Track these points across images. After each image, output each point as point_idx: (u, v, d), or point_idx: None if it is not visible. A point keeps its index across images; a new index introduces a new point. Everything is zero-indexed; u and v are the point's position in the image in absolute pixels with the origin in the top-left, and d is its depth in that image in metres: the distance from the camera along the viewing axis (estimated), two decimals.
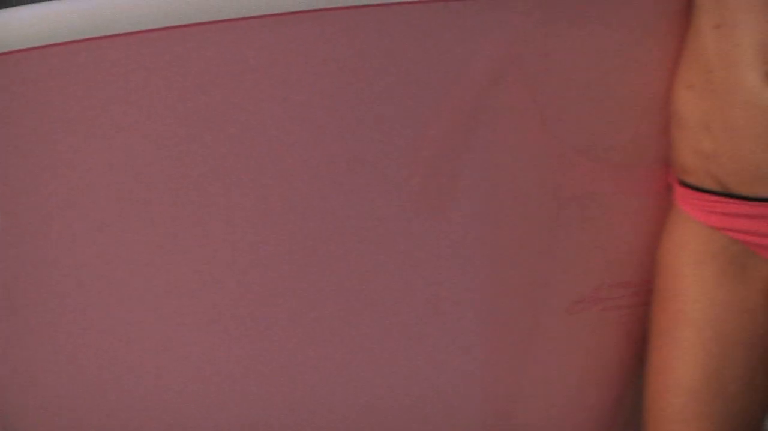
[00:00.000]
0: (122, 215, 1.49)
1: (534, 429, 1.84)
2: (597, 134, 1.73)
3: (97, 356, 1.57)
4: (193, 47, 1.43)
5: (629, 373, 1.85)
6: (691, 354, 1.73)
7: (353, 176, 1.55)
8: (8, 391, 1.64)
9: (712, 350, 1.73)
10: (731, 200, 1.70)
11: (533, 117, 1.66)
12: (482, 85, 1.58)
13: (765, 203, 1.67)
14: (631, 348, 1.85)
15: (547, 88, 1.65)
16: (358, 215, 1.57)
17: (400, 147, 1.56)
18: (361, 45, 1.50)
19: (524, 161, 1.66)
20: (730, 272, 1.74)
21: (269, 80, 1.45)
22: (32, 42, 1.40)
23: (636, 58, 1.73)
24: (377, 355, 1.67)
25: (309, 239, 1.56)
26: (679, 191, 1.71)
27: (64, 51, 1.42)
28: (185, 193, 1.49)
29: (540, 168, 1.67)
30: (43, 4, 1.43)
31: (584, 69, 1.68)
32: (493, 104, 1.61)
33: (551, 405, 1.84)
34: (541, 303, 1.77)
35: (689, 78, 1.72)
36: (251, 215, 1.52)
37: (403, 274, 1.64)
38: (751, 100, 1.67)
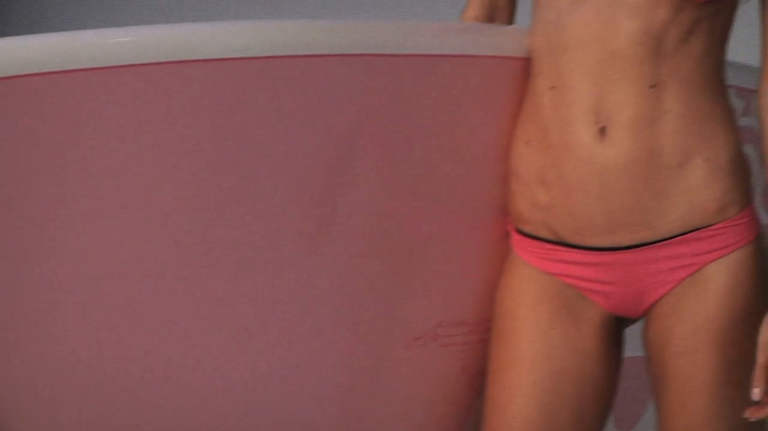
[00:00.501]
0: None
1: None
2: (442, 183, 1.81)
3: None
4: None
5: (467, 407, 1.91)
6: (527, 389, 1.80)
7: (238, 211, 1.66)
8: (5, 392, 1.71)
9: (546, 386, 1.79)
10: (565, 248, 1.78)
11: (386, 166, 1.74)
12: (342, 134, 1.69)
13: (595, 251, 1.77)
14: (468, 383, 1.89)
15: (399, 141, 1.75)
16: (240, 243, 1.67)
17: (275, 188, 1.65)
18: (246, 95, 1.63)
19: (375, 205, 1.74)
20: (563, 314, 1.82)
21: (172, 124, 1.59)
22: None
23: (479, 114, 1.83)
24: (254, 358, 1.75)
25: (203, 261, 1.67)
26: (516, 239, 1.80)
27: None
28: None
29: (389, 211, 1.75)
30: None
31: (432, 124, 1.79)
32: (349, 153, 1.71)
33: None
34: (384, 338, 1.81)
35: (527, 134, 1.80)
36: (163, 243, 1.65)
37: (275, 297, 1.72)
38: (584, 156, 1.76)
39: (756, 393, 1.72)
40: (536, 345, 1.82)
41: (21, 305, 1.67)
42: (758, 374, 1.71)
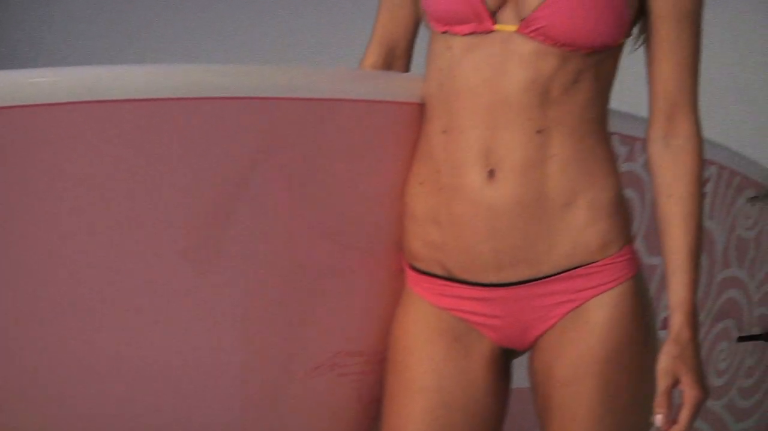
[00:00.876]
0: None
1: None
2: (341, 220, 1.86)
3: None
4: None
5: None
6: (420, 417, 1.86)
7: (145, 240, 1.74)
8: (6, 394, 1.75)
9: (437, 415, 1.85)
10: (456, 284, 1.83)
11: (288, 202, 1.80)
12: (244, 173, 1.75)
13: (484, 287, 1.82)
14: (363, 411, 1.96)
15: (299, 179, 1.80)
16: (147, 269, 1.75)
17: (181, 219, 1.72)
18: (150, 133, 1.71)
19: (278, 238, 1.79)
20: (456, 348, 1.86)
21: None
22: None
23: (375, 156, 1.89)
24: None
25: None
26: (411, 275, 1.85)
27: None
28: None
29: (291, 245, 1.81)
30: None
31: (331, 164, 1.84)
32: (253, 189, 1.76)
33: None
34: (284, 365, 1.86)
35: (421, 176, 1.85)
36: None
37: (182, 317, 1.79)
38: (474, 198, 1.81)
39: (659, 419, 1.78)
40: (429, 376, 1.85)
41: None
42: (660, 400, 1.77)
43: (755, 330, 2.71)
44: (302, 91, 1.81)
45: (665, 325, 1.91)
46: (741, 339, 2.67)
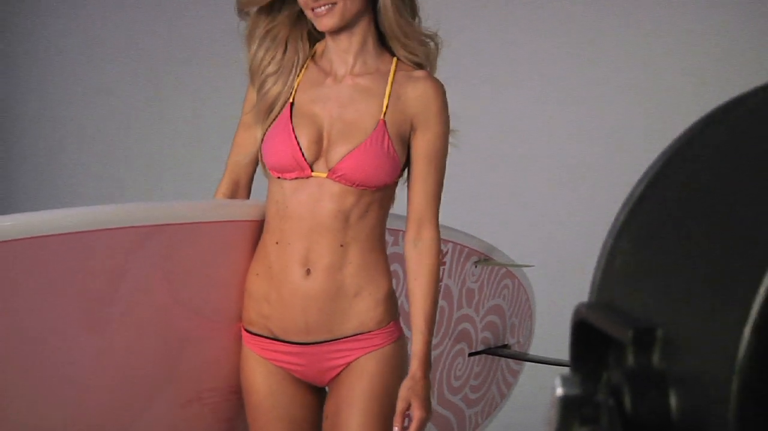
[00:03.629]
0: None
1: None
2: (200, 299, 2.24)
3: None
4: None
5: None
6: (263, 427, 2.25)
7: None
8: None
9: (276, 425, 2.24)
10: (277, 343, 2.23)
11: (162, 286, 2.17)
12: (126, 274, 2.08)
13: (296, 344, 2.23)
14: (226, 427, 2.35)
15: (168, 271, 2.17)
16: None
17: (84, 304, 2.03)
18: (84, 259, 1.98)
19: (152, 311, 2.13)
20: (284, 383, 2.26)
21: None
22: None
23: (224, 256, 2.28)
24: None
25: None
26: (246, 336, 2.26)
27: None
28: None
29: (163, 316, 2.17)
30: None
31: (192, 260, 2.21)
32: (131, 280, 2.09)
33: None
34: (165, 398, 2.19)
35: (257, 269, 2.24)
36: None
37: (85, 368, 2.07)
38: (295, 287, 2.21)
39: (396, 429, 2.17)
40: (271, 401, 2.24)
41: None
42: (396, 418, 2.16)
43: (480, 348, 2.93)
44: (173, 218, 2.15)
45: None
46: (471, 354, 2.90)
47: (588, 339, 0.90)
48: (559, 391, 0.81)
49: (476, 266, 2.81)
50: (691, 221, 0.82)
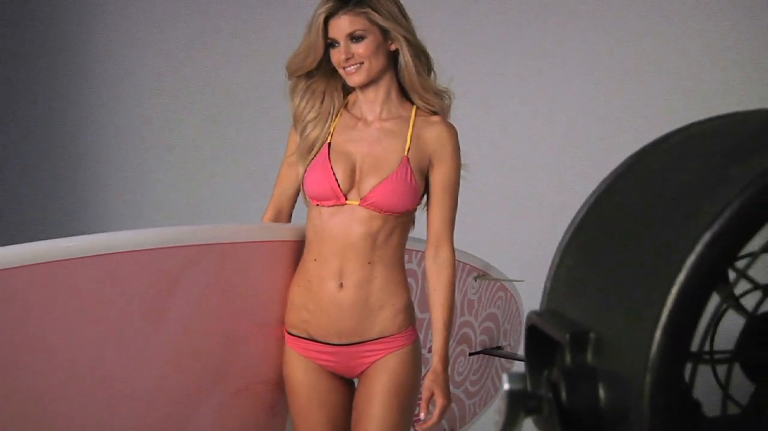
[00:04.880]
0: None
1: None
2: (251, 305, 2.23)
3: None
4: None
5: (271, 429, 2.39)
6: (311, 415, 2.24)
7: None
8: None
9: (318, 410, 2.24)
10: (314, 343, 2.26)
11: (217, 293, 2.11)
12: (189, 287, 2.05)
13: (330, 345, 2.22)
14: (271, 414, 2.32)
15: (224, 279, 2.11)
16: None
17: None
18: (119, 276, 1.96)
19: (213, 316, 2.13)
20: (321, 375, 2.26)
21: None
22: None
23: (271, 269, 2.24)
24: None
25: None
26: (288, 338, 2.30)
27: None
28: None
29: (222, 320, 2.14)
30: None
31: (245, 272, 2.17)
32: (185, 285, 2.04)
33: None
34: (219, 388, 2.18)
35: (299, 282, 2.27)
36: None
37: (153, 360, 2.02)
38: (330, 297, 2.21)
39: (422, 414, 2.20)
40: (313, 393, 2.26)
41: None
42: (423, 405, 2.20)
43: (479, 349, 2.86)
44: (227, 238, 2.11)
45: (430, 350, 2.34)
46: (471, 354, 2.85)
47: (537, 341, 0.89)
48: (506, 386, 0.81)
49: (475, 281, 2.82)
50: (618, 242, 0.82)
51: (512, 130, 3.83)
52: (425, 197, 2.30)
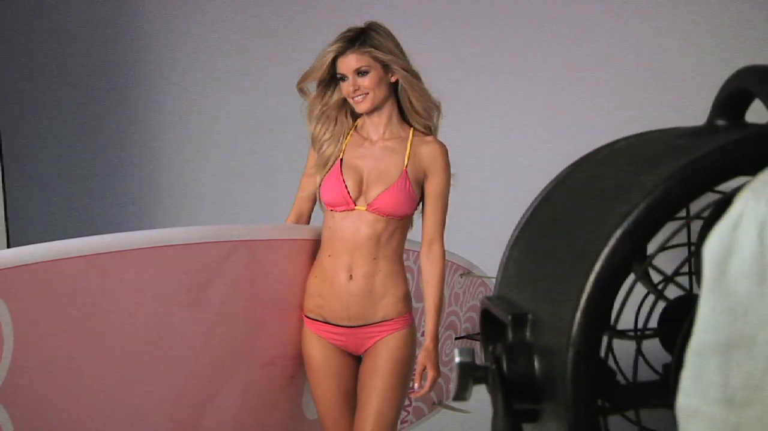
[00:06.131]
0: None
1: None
2: (278, 293, 2.24)
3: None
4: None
5: (295, 395, 2.34)
6: (328, 387, 2.26)
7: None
8: None
9: (335, 383, 2.26)
10: (327, 325, 2.27)
11: (248, 283, 2.12)
12: (223, 273, 2.04)
13: (340, 327, 2.24)
14: (293, 384, 2.33)
15: (254, 271, 2.12)
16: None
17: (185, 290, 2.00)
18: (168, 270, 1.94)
19: (245, 302, 2.12)
20: (335, 352, 2.27)
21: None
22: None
23: (291, 262, 2.24)
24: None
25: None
26: (306, 320, 2.31)
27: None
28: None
29: (251, 305, 2.15)
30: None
31: (269, 265, 2.16)
32: (224, 274, 2.04)
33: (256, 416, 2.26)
34: (248, 361, 2.19)
35: (315, 274, 2.25)
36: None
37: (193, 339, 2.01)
38: (341, 287, 2.19)
39: (416, 386, 2.23)
40: (327, 366, 2.27)
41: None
42: (417, 377, 2.23)
43: (463, 334, 2.81)
44: (255, 236, 2.12)
45: (423, 334, 2.31)
46: (456, 338, 2.81)
47: (489, 322, 0.89)
48: (457, 359, 0.81)
49: (461, 278, 2.78)
50: (552, 240, 0.82)
51: (489, 144, 3.61)
52: (421, 203, 2.29)
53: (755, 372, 0.41)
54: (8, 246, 3.44)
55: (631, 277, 0.74)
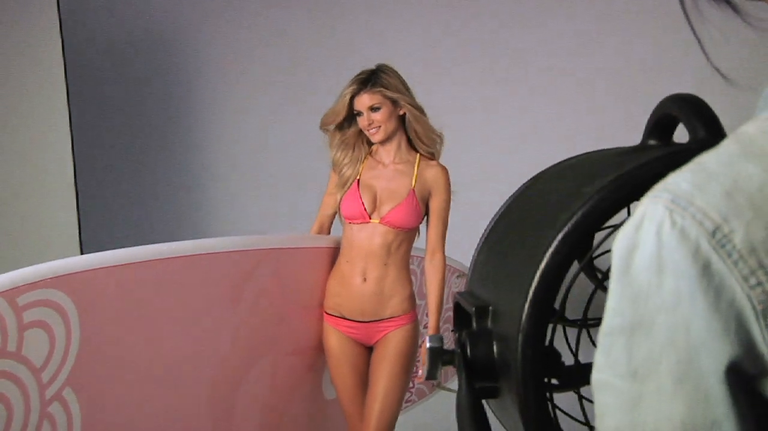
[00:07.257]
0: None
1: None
2: (300, 294, 2.20)
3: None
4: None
5: (313, 382, 2.31)
6: (346, 375, 2.24)
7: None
8: None
9: (351, 371, 2.24)
10: (345, 320, 2.26)
11: (277, 286, 2.10)
12: (252, 281, 2.01)
13: (355, 322, 2.22)
14: (314, 371, 2.31)
15: (280, 275, 2.09)
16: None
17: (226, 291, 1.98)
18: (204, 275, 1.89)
19: (274, 301, 2.11)
20: (351, 343, 2.26)
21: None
22: None
23: (314, 268, 2.18)
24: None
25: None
26: (326, 316, 2.30)
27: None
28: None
29: (279, 304, 2.11)
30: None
31: (294, 270, 2.12)
32: (255, 280, 2.02)
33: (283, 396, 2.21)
34: (275, 350, 2.17)
35: (335, 276, 2.24)
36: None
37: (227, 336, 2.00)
38: (356, 288, 2.18)
39: (419, 372, 2.23)
40: (343, 355, 2.25)
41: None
42: (420, 364, 2.20)
43: None
44: (282, 245, 2.11)
45: (426, 326, 2.30)
46: (452, 331, 2.42)
47: (460, 313, 0.88)
48: (428, 344, 0.81)
49: (458, 279, 2.72)
50: (510, 244, 0.81)
51: (478, 158, 3.40)
52: (426, 218, 2.28)
53: (654, 349, 0.42)
54: (81, 253, 3.46)
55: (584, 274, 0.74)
